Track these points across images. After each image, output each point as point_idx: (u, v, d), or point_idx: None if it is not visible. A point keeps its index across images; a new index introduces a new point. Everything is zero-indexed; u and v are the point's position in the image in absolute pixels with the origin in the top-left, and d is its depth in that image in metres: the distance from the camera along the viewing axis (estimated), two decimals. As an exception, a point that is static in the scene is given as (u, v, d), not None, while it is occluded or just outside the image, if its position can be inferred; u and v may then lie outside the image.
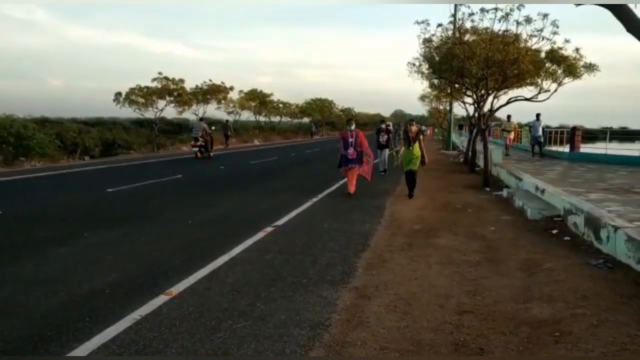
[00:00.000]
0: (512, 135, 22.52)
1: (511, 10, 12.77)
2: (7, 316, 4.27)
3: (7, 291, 4.93)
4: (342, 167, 11.72)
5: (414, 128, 11.44)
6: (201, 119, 26.31)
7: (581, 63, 14.77)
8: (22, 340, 3.80)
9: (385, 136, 16.87)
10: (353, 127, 11.82)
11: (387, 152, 17.07)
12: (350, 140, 11.48)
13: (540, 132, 20.59)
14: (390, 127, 29.23)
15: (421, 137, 11.47)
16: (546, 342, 3.81)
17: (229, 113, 46.06)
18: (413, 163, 11.31)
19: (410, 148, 11.29)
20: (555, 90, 15.43)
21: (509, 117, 22.62)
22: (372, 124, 69.59)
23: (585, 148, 22.09)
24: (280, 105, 57.76)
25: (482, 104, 15.60)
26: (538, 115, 20.32)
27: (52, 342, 3.77)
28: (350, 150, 11.43)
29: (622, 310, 4.40)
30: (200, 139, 21.69)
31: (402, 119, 49.33)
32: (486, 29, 13.83)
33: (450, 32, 15.61)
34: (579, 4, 4.32)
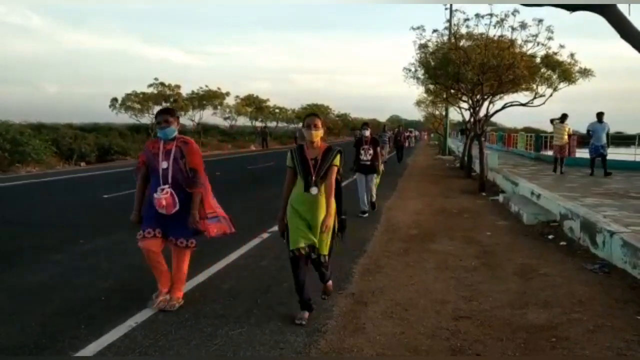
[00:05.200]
0: (565, 143, 15.12)
1: (506, 16, 12.89)
2: (1, 324, 4.24)
3: (2, 298, 4.90)
4: (144, 228, 4.69)
5: (315, 135, 4.35)
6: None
7: (576, 68, 14.87)
8: (17, 347, 3.78)
9: (371, 151, 9.69)
10: (175, 133, 4.71)
11: (374, 179, 10.01)
12: (163, 166, 4.61)
13: (604, 140, 14.23)
14: (386, 134, 27.16)
15: (336, 166, 4.32)
16: (543, 347, 3.81)
17: (225, 118, 46.15)
18: (316, 236, 4.29)
19: (312, 191, 4.27)
20: (551, 95, 15.54)
21: (563, 117, 15.14)
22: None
23: (581, 153, 22.10)
24: (277, 111, 57.86)
25: (477, 109, 15.68)
26: (600, 116, 14.28)
27: (47, 350, 3.75)
28: (164, 196, 4.53)
29: (619, 315, 4.41)
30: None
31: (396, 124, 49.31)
32: (481, 34, 13.93)
33: (445, 38, 15.73)
34: (573, 11, 4.36)
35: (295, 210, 4.31)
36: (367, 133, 9.88)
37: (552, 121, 15.28)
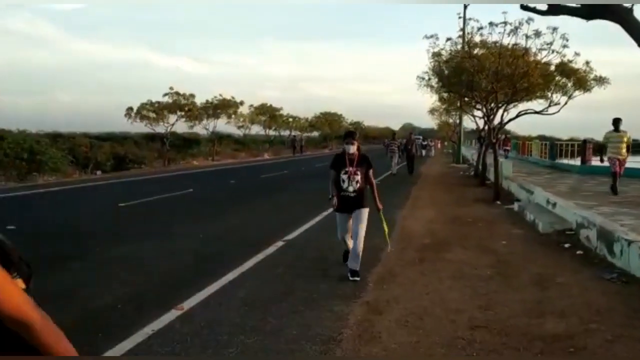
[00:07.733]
0: (623, 152, 11.56)
1: (520, 24, 12.83)
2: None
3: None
4: None
5: None
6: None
7: (591, 76, 14.76)
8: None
9: (358, 175, 6.03)
10: None
11: (363, 220, 6.14)
12: None
13: None
14: (395, 142, 25.10)
15: None
16: (560, 357, 3.78)
17: (239, 127, 46.45)
18: None
19: None
20: (566, 103, 15.43)
21: (616, 122, 11.58)
22: (381, 138, 66.62)
23: (597, 161, 21.77)
24: (290, 120, 58.12)
25: (492, 117, 15.61)
26: None
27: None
28: None
29: (637, 325, 4.35)
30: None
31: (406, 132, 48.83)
32: (495, 42, 13.88)
33: (459, 46, 15.69)
34: (590, 19, 4.35)
35: None
36: (352, 149, 6.11)
37: (617, 122, 11.71)
